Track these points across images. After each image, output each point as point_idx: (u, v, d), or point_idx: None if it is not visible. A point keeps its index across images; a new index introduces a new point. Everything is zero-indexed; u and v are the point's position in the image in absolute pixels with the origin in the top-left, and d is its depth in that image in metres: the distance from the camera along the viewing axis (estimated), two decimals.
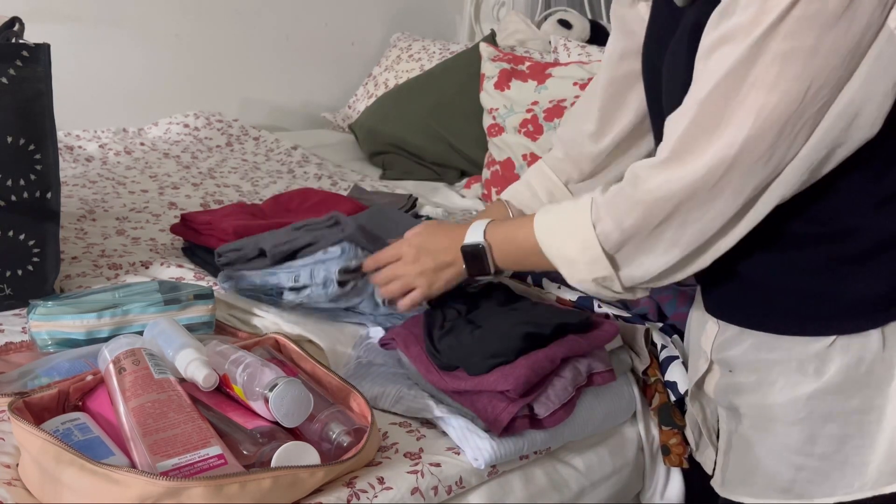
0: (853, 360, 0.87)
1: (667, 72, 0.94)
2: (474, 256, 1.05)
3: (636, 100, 1.12)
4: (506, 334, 1.01)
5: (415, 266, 1.10)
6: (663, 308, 1.28)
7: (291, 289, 1.23)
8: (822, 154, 0.81)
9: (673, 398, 1.17)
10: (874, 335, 0.87)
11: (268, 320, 1.22)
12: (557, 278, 1.13)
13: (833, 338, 0.88)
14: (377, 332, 1.21)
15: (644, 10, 1.05)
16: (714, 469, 1.06)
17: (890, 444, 0.88)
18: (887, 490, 0.88)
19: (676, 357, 1.19)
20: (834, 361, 0.88)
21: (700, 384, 1.06)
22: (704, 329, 1.02)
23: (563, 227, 0.96)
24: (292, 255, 1.26)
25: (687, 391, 1.11)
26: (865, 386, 0.87)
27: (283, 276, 1.24)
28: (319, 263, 1.22)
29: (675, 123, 0.85)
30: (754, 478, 0.96)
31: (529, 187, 1.24)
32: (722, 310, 0.99)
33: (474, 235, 1.05)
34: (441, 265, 1.09)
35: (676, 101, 0.86)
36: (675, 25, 0.92)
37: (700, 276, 1.02)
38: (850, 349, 0.87)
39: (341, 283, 1.20)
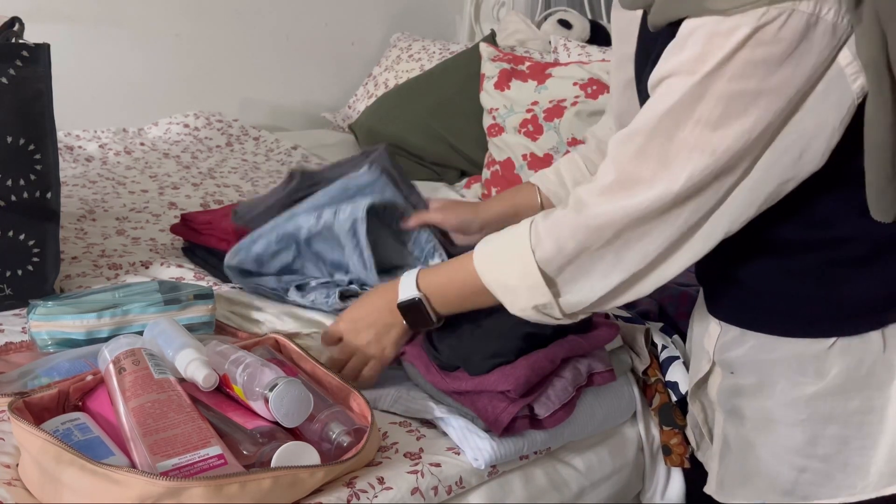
0: (854, 361, 0.87)
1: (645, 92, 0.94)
2: (412, 311, 1.03)
3: None
4: (506, 334, 1.01)
5: (359, 339, 1.06)
6: (666, 308, 1.28)
7: (297, 287, 1.23)
8: (769, 188, 0.83)
9: (674, 398, 1.17)
10: (874, 337, 0.87)
11: (269, 314, 1.22)
12: None
13: (833, 339, 0.88)
14: None
15: (640, 14, 1.05)
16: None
17: (891, 445, 0.88)
18: (889, 491, 0.89)
19: (677, 357, 1.19)
20: (834, 363, 0.88)
21: (701, 385, 1.06)
22: (707, 330, 1.02)
23: (501, 255, 0.95)
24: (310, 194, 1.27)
25: (688, 391, 1.11)
26: (866, 387, 0.88)
27: (302, 218, 1.22)
28: (345, 202, 1.20)
29: (621, 147, 0.86)
30: (756, 480, 0.96)
31: (558, 174, 1.24)
32: (723, 311, 0.99)
33: (407, 290, 1.02)
34: (383, 329, 1.06)
35: None
36: (654, 46, 0.92)
37: (702, 278, 1.03)
38: (851, 350, 0.87)
39: (344, 297, 1.19)
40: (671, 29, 0.83)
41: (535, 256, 0.90)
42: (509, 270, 0.94)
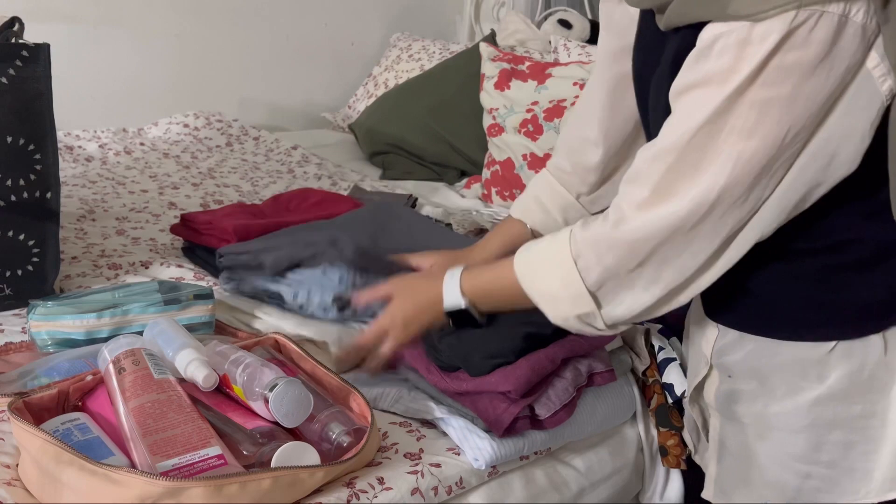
0: (856, 365, 0.87)
1: (654, 91, 0.93)
2: (460, 315, 1.04)
3: (633, 101, 1.10)
4: (507, 334, 1.01)
5: (403, 334, 1.06)
6: None
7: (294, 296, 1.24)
8: (799, 194, 0.82)
9: (670, 400, 1.17)
10: (875, 340, 0.86)
11: (269, 323, 1.22)
12: None
13: (834, 343, 0.87)
14: None
15: (633, 8, 1.03)
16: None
17: (894, 449, 0.87)
18: (893, 496, 0.88)
19: (674, 359, 1.18)
20: (836, 367, 0.88)
21: (700, 388, 1.05)
22: (704, 333, 1.01)
23: (543, 263, 0.95)
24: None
25: (684, 393, 1.11)
26: (868, 391, 0.87)
27: (284, 288, 1.25)
28: (317, 288, 1.23)
29: (651, 164, 0.85)
30: (758, 485, 0.95)
31: (541, 205, 1.19)
32: (721, 314, 0.99)
33: (452, 295, 1.03)
34: (426, 324, 1.07)
35: (659, 124, 0.86)
36: (661, 45, 0.91)
37: None
38: (852, 354, 0.87)
39: (340, 309, 1.20)
40: (689, 30, 0.82)
41: (578, 266, 0.89)
42: (551, 279, 0.93)
